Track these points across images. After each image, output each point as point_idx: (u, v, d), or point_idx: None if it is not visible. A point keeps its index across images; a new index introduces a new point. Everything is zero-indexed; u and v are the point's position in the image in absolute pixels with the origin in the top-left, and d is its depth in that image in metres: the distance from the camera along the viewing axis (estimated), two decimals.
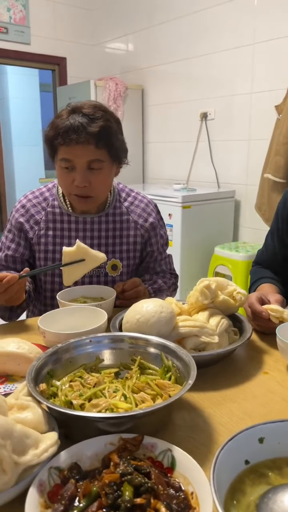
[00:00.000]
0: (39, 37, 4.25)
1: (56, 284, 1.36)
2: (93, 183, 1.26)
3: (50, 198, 1.40)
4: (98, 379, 0.79)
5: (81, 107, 1.23)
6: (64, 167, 1.25)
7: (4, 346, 0.89)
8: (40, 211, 1.38)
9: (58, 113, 1.27)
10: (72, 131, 1.18)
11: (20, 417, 0.64)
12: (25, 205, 1.39)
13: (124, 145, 1.31)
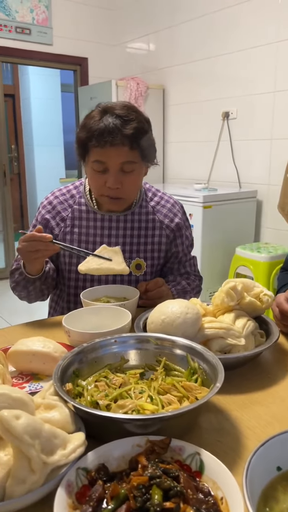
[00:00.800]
0: (61, 37, 4.29)
1: (79, 283, 1.36)
2: (125, 185, 1.25)
3: (77, 195, 1.40)
4: (123, 379, 0.78)
5: (113, 108, 1.22)
6: (96, 170, 1.24)
7: (29, 345, 0.89)
8: (66, 208, 1.38)
9: (89, 114, 1.26)
10: (107, 133, 1.17)
11: (47, 416, 0.64)
12: (52, 202, 1.40)
13: (154, 145, 1.31)
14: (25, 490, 0.54)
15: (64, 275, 1.39)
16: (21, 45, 4.10)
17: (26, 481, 0.54)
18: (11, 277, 1.34)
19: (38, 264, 1.24)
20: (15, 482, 0.54)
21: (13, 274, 1.32)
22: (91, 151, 1.23)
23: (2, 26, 3.96)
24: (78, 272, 1.36)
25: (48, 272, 1.33)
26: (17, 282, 1.31)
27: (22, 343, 0.91)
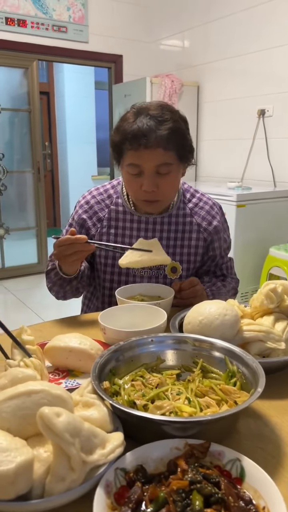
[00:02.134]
0: (96, 35, 4.31)
1: (114, 284, 1.35)
2: (161, 187, 1.22)
3: (114, 195, 1.38)
4: (160, 380, 0.77)
5: (147, 109, 1.19)
6: (131, 173, 1.22)
7: (66, 341, 0.90)
8: (103, 209, 1.37)
9: (123, 116, 1.24)
10: (141, 135, 1.15)
11: (85, 414, 0.64)
12: (89, 201, 1.39)
13: (192, 145, 1.27)
14: (65, 488, 0.54)
15: (99, 275, 1.38)
16: (57, 43, 4.14)
17: (65, 479, 0.54)
18: (47, 277, 1.34)
19: (75, 266, 1.23)
20: (54, 479, 0.54)
21: (49, 274, 1.32)
22: (125, 154, 1.21)
23: (40, 25, 4.01)
24: (112, 273, 1.35)
25: (84, 271, 1.33)
26: (53, 282, 1.32)
27: (59, 339, 0.91)
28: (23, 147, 4.57)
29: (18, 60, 4.14)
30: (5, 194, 4.48)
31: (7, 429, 0.58)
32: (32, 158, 4.55)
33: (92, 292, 1.49)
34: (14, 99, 4.42)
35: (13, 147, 4.54)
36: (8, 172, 4.42)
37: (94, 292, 1.48)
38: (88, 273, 1.36)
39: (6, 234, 4.58)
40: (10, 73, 4.34)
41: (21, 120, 4.51)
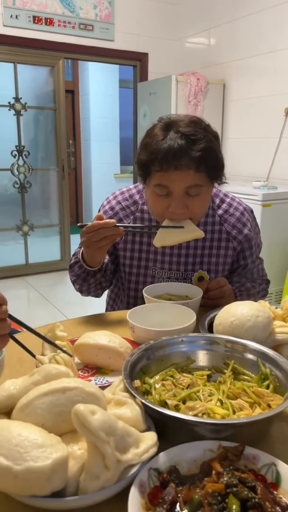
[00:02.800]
0: (122, 33, 4.31)
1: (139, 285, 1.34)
2: (191, 208, 1.16)
3: (140, 201, 1.34)
4: (191, 380, 0.77)
5: (177, 125, 1.11)
6: (158, 194, 1.16)
7: (96, 339, 0.90)
8: (128, 216, 1.33)
9: (151, 131, 1.16)
10: (171, 156, 1.07)
11: (118, 413, 0.64)
12: (114, 208, 1.35)
13: (223, 163, 1.19)
14: (99, 487, 0.53)
15: (124, 276, 1.36)
16: (83, 41, 4.16)
17: (100, 478, 0.54)
18: (70, 271, 1.32)
19: (102, 254, 1.19)
20: (89, 477, 0.54)
21: (73, 268, 1.30)
22: (153, 174, 1.14)
23: (67, 23, 4.04)
24: (138, 275, 1.34)
25: (107, 265, 1.31)
26: (77, 275, 1.29)
27: (88, 336, 0.91)
28: (48, 145, 4.61)
29: (44, 59, 4.18)
30: (30, 192, 4.54)
31: (41, 425, 0.58)
32: (57, 156, 4.59)
33: (116, 293, 1.48)
34: (40, 97, 4.47)
35: (37, 145, 4.60)
36: (33, 169, 4.47)
37: (119, 293, 1.46)
38: (111, 268, 1.34)
39: (30, 231, 4.63)
40: (36, 71, 4.38)
41: (46, 118, 4.55)
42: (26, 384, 0.65)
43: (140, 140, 1.22)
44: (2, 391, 0.65)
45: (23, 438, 0.53)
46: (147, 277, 1.33)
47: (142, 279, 1.34)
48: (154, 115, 4.17)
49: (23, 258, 4.63)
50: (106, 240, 1.10)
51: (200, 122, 1.15)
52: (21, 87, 4.22)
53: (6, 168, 4.31)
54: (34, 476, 0.51)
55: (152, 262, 1.33)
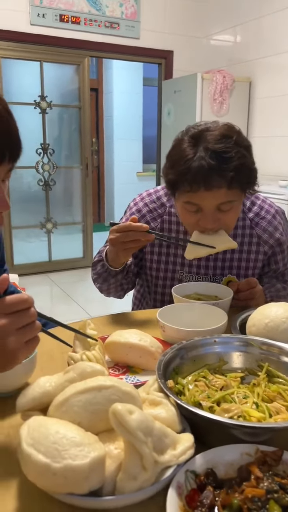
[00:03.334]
0: (148, 31, 4.30)
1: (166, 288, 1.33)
2: (222, 221, 1.13)
3: (168, 204, 1.31)
4: (225, 382, 0.75)
5: (207, 140, 1.05)
6: (188, 210, 1.13)
7: (127, 337, 0.89)
8: (155, 219, 1.31)
9: (179, 146, 1.10)
10: (201, 177, 1.03)
11: (153, 413, 0.63)
12: (141, 210, 1.32)
13: (256, 174, 1.14)
14: (136, 487, 0.53)
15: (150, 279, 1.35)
16: (109, 40, 4.17)
17: (137, 478, 0.53)
18: (93, 268, 1.32)
19: (127, 256, 1.17)
20: (126, 477, 0.53)
21: (95, 265, 1.29)
22: (182, 193, 1.11)
23: (93, 21, 4.05)
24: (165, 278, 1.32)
25: (130, 266, 1.30)
26: (98, 274, 1.28)
27: (119, 335, 0.91)
28: (71, 143, 4.64)
29: (70, 57, 4.21)
30: (53, 189, 4.58)
31: (78, 423, 0.58)
32: (81, 154, 4.61)
33: (142, 294, 1.47)
34: (64, 95, 4.50)
35: (61, 143, 4.63)
36: (57, 167, 4.51)
37: (144, 294, 1.45)
38: (134, 270, 1.33)
39: (54, 228, 4.67)
40: (62, 70, 4.41)
41: (70, 116, 4.58)
42: (61, 381, 0.65)
43: (163, 139, 1.20)
44: (38, 388, 0.65)
45: (61, 436, 0.53)
46: (174, 281, 1.31)
47: (169, 282, 1.32)
48: (179, 113, 4.15)
49: (46, 255, 4.67)
50: (135, 243, 1.08)
51: (231, 133, 1.09)
52: (46, 86, 4.26)
53: (31, 166, 4.36)
54: (73, 474, 0.51)
55: (179, 265, 1.31)
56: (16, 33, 3.82)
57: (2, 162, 0.68)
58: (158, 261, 1.32)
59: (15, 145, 0.70)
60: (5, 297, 0.63)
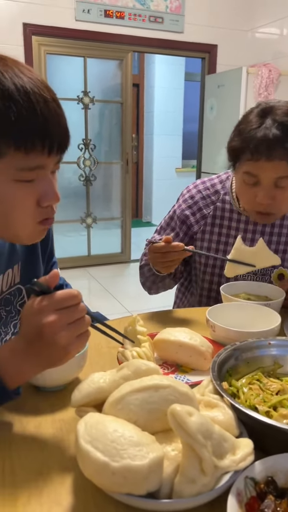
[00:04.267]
0: (192, 25, 4.24)
1: (213, 285, 1.31)
2: (277, 200, 1.12)
3: (222, 191, 1.31)
4: (282, 386, 0.73)
5: (275, 112, 1.06)
6: (247, 182, 1.13)
7: (176, 335, 0.88)
8: (208, 205, 1.31)
9: (246, 117, 1.12)
10: (264, 147, 1.04)
11: (209, 415, 0.61)
12: (194, 196, 1.33)
13: None
14: (195, 491, 0.51)
15: (197, 273, 1.34)
16: (152, 34, 4.15)
17: (196, 482, 0.52)
18: (140, 272, 1.34)
19: (169, 270, 1.18)
20: (185, 480, 0.52)
21: (142, 269, 1.32)
22: (243, 162, 1.11)
23: (137, 16, 4.03)
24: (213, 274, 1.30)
25: (177, 269, 1.30)
26: (146, 278, 1.31)
27: (168, 332, 0.89)
28: (111, 138, 4.66)
29: (113, 52, 4.22)
30: (93, 184, 4.61)
31: (134, 421, 0.57)
32: (122, 149, 4.62)
33: (186, 287, 1.46)
34: (106, 90, 4.51)
35: (101, 138, 4.65)
36: (98, 162, 4.54)
37: (189, 287, 1.44)
38: (182, 268, 1.33)
39: (93, 223, 4.72)
40: (104, 65, 4.43)
41: (111, 112, 4.60)
42: (115, 378, 0.65)
43: (205, 134, 1.20)
44: (92, 384, 0.65)
45: (119, 434, 0.52)
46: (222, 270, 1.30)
47: (217, 270, 1.31)
48: (222, 108, 4.09)
49: (85, 250, 4.73)
50: (173, 262, 1.10)
51: None
52: (89, 81, 4.28)
53: (73, 161, 4.41)
54: (132, 474, 0.50)
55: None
56: (61, 29, 3.87)
57: (50, 152, 0.68)
58: (208, 248, 1.31)
59: (64, 135, 0.70)
60: (55, 292, 0.63)
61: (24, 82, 0.64)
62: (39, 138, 0.65)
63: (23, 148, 0.64)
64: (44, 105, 0.65)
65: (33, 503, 0.54)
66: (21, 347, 0.63)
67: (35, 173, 0.68)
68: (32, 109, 0.64)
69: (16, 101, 0.63)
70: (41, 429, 0.69)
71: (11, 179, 0.66)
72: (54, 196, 0.71)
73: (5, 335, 0.92)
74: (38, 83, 0.66)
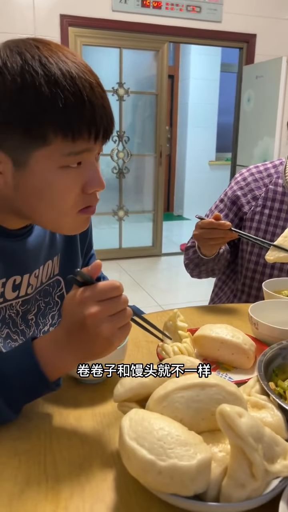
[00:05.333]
0: (230, 14, 4.15)
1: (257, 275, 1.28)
2: None
3: (275, 175, 1.31)
4: None
5: None
6: None
7: (218, 332, 0.85)
8: (260, 187, 1.31)
9: None
10: None
11: (257, 417, 0.59)
12: (246, 178, 1.33)
13: None
14: (244, 496, 0.49)
15: (242, 263, 1.32)
16: (189, 24, 4.08)
17: (246, 486, 0.49)
18: (185, 253, 1.33)
19: (212, 251, 1.19)
20: (233, 484, 0.50)
21: (188, 251, 1.31)
22: None
23: (174, 6, 3.97)
24: (257, 263, 1.28)
25: (222, 254, 1.28)
26: (190, 259, 1.30)
27: (209, 329, 0.87)
28: (144, 130, 4.62)
29: (149, 43, 4.17)
30: (126, 177, 4.60)
31: (179, 420, 0.55)
32: (156, 141, 4.58)
33: (224, 281, 1.43)
34: (140, 82, 4.47)
35: (134, 130, 4.63)
36: (131, 155, 4.52)
37: (227, 281, 1.41)
38: (227, 256, 1.31)
39: (125, 216, 4.71)
40: (139, 56, 4.39)
41: (145, 103, 4.56)
42: None
43: (241, 126, 1.18)
44: (135, 379, 0.63)
45: (166, 433, 0.51)
46: (265, 268, 1.27)
47: (262, 260, 1.28)
48: (260, 100, 3.98)
49: (117, 242, 4.73)
50: (217, 240, 1.10)
51: None
52: (124, 72, 4.26)
53: (106, 153, 4.41)
54: (179, 475, 0.48)
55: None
56: (98, 20, 3.85)
57: (97, 138, 0.66)
58: (253, 244, 1.29)
59: (110, 121, 0.68)
60: (97, 283, 0.62)
61: (70, 67, 0.63)
62: (86, 125, 0.63)
63: (71, 135, 0.63)
64: (90, 90, 0.63)
65: (76, 498, 0.54)
66: (63, 338, 0.62)
67: (81, 157, 0.66)
68: (79, 95, 0.62)
69: (63, 87, 0.61)
70: (81, 422, 0.68)
71: (57, 166, 0.65)
72: (99, 182, 0.70)
73: (43, 326, 0.92)
74: (82, 67, 0.65)
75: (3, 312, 0.79)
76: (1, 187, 0.68)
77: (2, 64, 0.61)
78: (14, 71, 0.61)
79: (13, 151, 0.64)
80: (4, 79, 0.61)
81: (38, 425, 0.66)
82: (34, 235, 0.83)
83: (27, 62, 0.61)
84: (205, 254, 1.22)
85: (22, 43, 0.64)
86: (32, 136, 0.62)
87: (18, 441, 0.63)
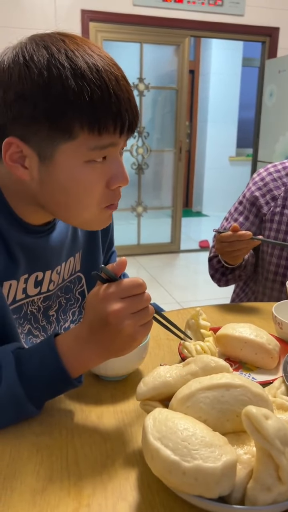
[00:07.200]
0: (253, 7, 4.08)
1: (278, 276, 1.26)
2: None
3: None
4: None
5: None
6: None
7: (241, 331, 0.84)
8: (279, 187, 1.28)
9: None
10: None
11: (283, 419, 0.57)
12: (264, 178, 1.30)
13: None
14: (270, 499, 0.48)
15: (263, 264, 1.30)
16: (211, 18, 4.03)
17: (272, 490, 0.48)
18: (209, 264, 1.32)
19: (237, 261, 1.17)
20: (259, 487, 0.49)
21: (211, 261, 1.30)
22: None
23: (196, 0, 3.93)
24: (278, 265, 1.26)
25: (248, 260, 1.27)
26: (215, 269, 1.29)
27: (232, 328, 0.86)
28: (164, 125, 4.59)
29: (170, 37, 4.14)
30: (145, 173, 4.59)
31: (204, 420, 0.55)
32: (176, 137, 4.56)
33: (245, 281, 1.41)
34: (161, 77, 4.44)
35: (154, 126, 4.60)
36: (151, 151, 4.51)
37: (248, 281, 1.39)
38: (252, 260, 1.29)
39: (144, 212, 4.70)
40: (160, 51, 4.36)
41: (164, 99, 4.53)
42: (182, 374, 0.62)
43: (263, 121, 1.16)
44: (158, 378, 0.63)
45: (190, 433, 0.50)
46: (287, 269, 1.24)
47: (284, 262, 1.26)
48: (282, 94, 3.92)
49: (135, 238, 4.73)
50: (240, 251, 1.08)
51: None
52: (144, 67, 4.23)
53: (126, 149, 4.39)
54: (203, 476, 0.47)
55: None
56: (119, 15, 3.84)
57: (122, 132, 0.65)
58: (275, 238, 1.26)
59: (135, 114, 0.67)
60: (121, 280, 0.61)
61: (95, 60, 0.62)
62: (112, 118, 0.63)
63: (97, 129, 0.62)
64: (115, 83, 0.63)
65: (98, 496, 0.53)
66: (85, 335, 0.62)
67: (106, 151, 0.66)
68: (105, 88, 0.61)
69: (89, 80, 0.60)
70: (103, 419, 0.68)
71: (83, 160, 0.65)
72: (123, 177, 0.69)
73: (64, 323, 0.92)
74: (108, 61, 0.64)
75: (25, 308, 0.79)
76: (27, 182, 0.68)
77: (29, 57, 0.61)
78: (40, 65, 0.60)
79: (39, 146, 0.64)
80: (30, 73, 0.60)
81: (60, 421, 0.66)
82: (57, 232, 0.83)
83: (53, 55, 0.61)
84: (230, 264, 1.21)
85: (48, 37, 0.63)
86: (58, 130, 0.62)
87: (41, 436, 0.63)
